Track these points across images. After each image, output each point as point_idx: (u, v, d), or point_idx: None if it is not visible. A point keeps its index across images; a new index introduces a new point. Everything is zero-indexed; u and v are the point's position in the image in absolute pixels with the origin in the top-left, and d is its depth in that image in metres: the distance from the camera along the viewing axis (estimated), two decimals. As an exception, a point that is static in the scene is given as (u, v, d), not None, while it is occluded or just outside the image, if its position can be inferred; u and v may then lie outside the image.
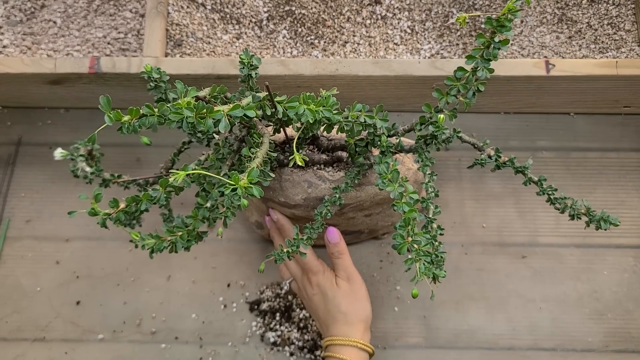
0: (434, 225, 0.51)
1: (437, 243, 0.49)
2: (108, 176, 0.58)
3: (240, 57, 0.51)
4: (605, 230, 0.52)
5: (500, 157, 0.53)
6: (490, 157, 0.53)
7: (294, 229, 0.56)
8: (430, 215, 0.52)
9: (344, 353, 0.58)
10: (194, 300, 0.75)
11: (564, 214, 0.54)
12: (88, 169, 0.55)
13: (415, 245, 0.45)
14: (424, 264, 0.44)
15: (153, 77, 0.50)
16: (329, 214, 0.55)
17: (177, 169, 0.39)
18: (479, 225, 0.78)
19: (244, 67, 0.51)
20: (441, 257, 0.47)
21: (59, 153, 0.53)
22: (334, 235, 0.62)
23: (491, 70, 0.46)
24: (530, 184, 0.54)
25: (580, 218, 0.54)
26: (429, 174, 0.54)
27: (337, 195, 0.56)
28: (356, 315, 0.61)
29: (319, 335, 0.72)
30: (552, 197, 0.54)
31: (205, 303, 0.75)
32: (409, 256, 0.45)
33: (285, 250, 0.54)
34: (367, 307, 0.63)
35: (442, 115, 0.49)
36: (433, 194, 0.53)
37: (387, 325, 0.74)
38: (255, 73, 0.51)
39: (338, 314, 0.61)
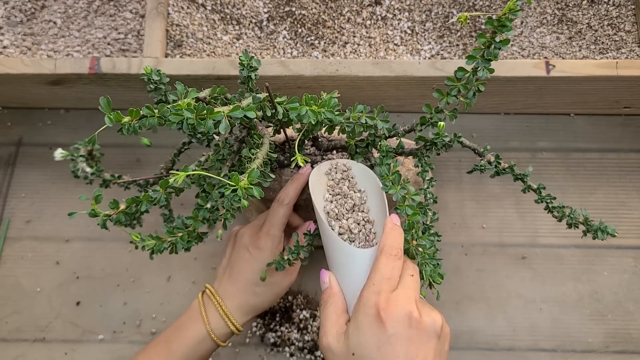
0: (432, 232, 0.51)
1: (434, 249, 0.49)
2: (108, 177, 0.58)
3: (239, 59, 0.51)
4: (603, 240, 0.52)
5: (500, 163, 0.53)
6: (490, 163, 0.53)
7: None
8: (428, 222, 0.52)
9: (209, 314, 0.54)
10: (194, 301, 0.75)
11: (561, 222, 0.54)
12: (88, 169, 0.55)
13: (420, 249, 0.45)
14: (429, 267, 0.44)
15: (153, 79, 0.50)
16: None
17: (177, 170, 0.39)
18: (479, 226, 0.78)
19: (243, 69, 0.51)
20: (438, 262, 0.47)
21: (59, 154, 0.53)
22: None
23: (491, 71, 0.46)
24: (529, 191, 0.54)
25: (577, 227, 0.54)
26: (428, 179, 0.54)
27: None
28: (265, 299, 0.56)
29: (318, 335, 0.72)
30: (550, 205, 0.54)
31: (206, 304, 0.75)
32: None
33: (285, 257, 0.54)
34: (270, 300, 0.57)
35: (442, 123, 0.49)
36: (432, 200, 0.53)
37: (387, 326, 0.74)
38: (255, 75, 0.51)
39: (251, 286, 0.55)
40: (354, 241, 0.49)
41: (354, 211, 0.51)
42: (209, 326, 0.54)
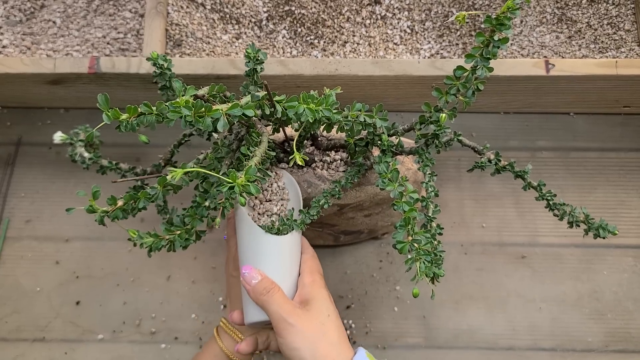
0: (433, 224, 0.51)
1: (436, 242, 0.49)
2: (106, 163, 0.58)
3: (246, 52, 0.50)
4: (604, 238, 0.52)
5: (500, 161, 0.53)
6: (490, 160, 0.53)
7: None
8: (430, 214, 0.52)
9: (225, 341, 0.59)
10: (194, 300, 0.75)
11: (562, 220, 0.54)
12: (86, 154, 0.55)
13: (416, 245, 0.45)
14: (424, 262, 0.44)
15: (159, 64, 0.50)
16: (327, 204, 0.55)
17: (176, 165, 0.39)
18: (478, 225, 0.78)
19: (249, 61, 0.50)
20: (440, 256, 0.47)
21: (58, 136, 0.53)
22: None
23: (490, 69, 0.46)
24: (529, 188, 0.54)
25: (579, 225, 0.53)
26: (429, 173, 0.54)
27: (337, 189, 0.56)
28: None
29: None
30: (551, 202, 0.54)
31: (205, 303, 0.75)
32: (409, 256, 0.45)
33: (298, 220, 0.54)
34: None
35: (443, 115, 0.49)
36: (433, 193, 0.53)
37: (386, 325, 0.74)
38: (261, 67, 0.51)
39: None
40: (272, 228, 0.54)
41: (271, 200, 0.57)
42: (227, 350, 0.58)
